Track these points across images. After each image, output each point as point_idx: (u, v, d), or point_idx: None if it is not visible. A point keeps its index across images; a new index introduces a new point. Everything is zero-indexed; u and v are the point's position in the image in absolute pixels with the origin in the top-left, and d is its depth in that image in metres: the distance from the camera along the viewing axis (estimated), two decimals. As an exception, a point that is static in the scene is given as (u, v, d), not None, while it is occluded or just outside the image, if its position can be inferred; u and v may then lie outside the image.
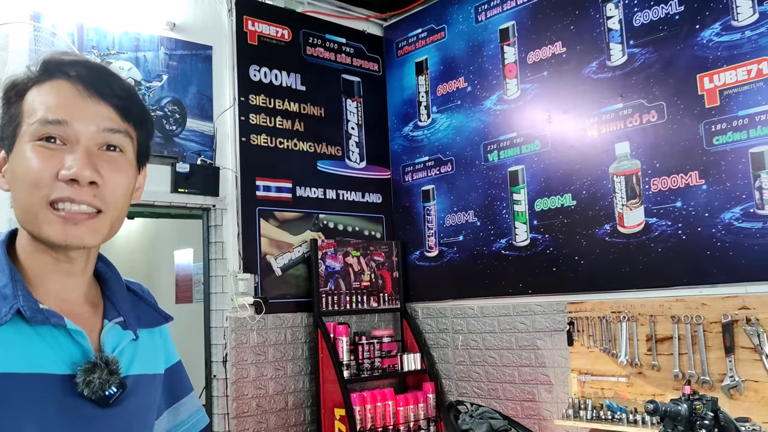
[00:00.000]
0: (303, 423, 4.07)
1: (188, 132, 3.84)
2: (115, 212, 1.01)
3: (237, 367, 3.85)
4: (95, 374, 0.98)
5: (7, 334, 0.97)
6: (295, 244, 4.19)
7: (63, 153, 0.97)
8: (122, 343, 1.06)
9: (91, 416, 1.00)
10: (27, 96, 1.00)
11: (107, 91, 0.99)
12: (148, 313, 1.17)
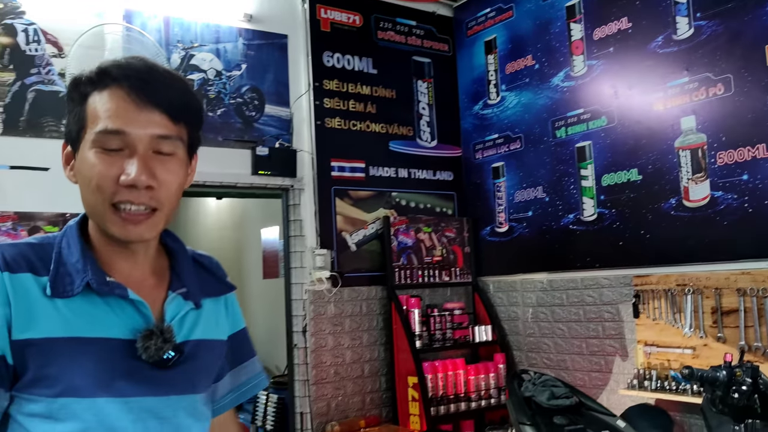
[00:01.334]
0: (378, 390, 4.32)
1: (266, 117, 4.10)
2: (169, 207, 1.13)
3: (316, 337, 4.11)
4: (152, 341, 1.09)
5: (79, 304, 1.10)
6: (368, 221, 4.41)
7: (122, 159, 1.07)
8: (182, 311, 1.17)
9: (151, 377, 1.12)
10: (89, 100, 1.09)
11: (159, 98, 1.09)
12: (213, 283, 1.28)
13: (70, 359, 1.09)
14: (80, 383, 1.09)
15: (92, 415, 1.09)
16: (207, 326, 1.23)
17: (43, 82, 3.44)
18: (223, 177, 3.92)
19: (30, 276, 1.10)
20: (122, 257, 1.15)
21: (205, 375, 1.23)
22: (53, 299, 1.09)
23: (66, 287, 1.10)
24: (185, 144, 1.14)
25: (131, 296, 1.11)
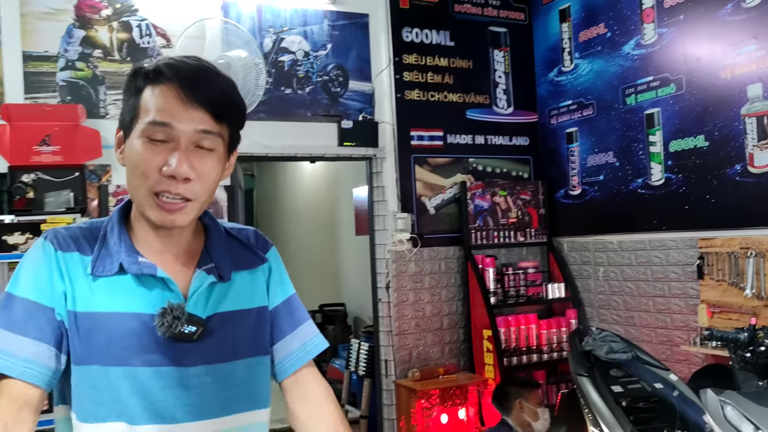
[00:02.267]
0: (456, 341, 4.69)
1: (350, 92, 4.46)
2: (204, 199, 1.22)
3: (398, 293, 4.52)
4: (165, 318, 1.18)
5: (115, 282, 1.21)
6: (446, 186, 4.73)
7: (166, 151, 1.16)
8: (202, 286, 1.24)
9: (179, 348, 1.21)
10: (143, 94, 1.18)
11: (204, 97, 1.17)
12: (247, 256, 1.35)
13: (107, 332, 1.20)
14: (115, 353, 1.20)
15: (127, 382, 1.20)
16: (239, 297, 1.30)
17: (155, 70, 3.93)
18: (312, 149, 4.33)
19: (77, 255, 1.23)
20: (158, 238, 1.25)
21: (243, 342, 1.29)
22: (94, 277, 1.21)
23: (105, 267, 1.21)
24: (225, 142, 1.23)
25: (159, 274, 1.22)
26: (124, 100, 1.22)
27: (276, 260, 1.41)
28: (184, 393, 1.22)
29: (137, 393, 1.19)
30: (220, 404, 1.25)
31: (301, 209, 8.62)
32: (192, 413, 1.22)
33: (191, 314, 1.21)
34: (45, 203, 3.52)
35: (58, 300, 1.21)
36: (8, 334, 1.19)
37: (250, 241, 1.38)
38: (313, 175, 8.10)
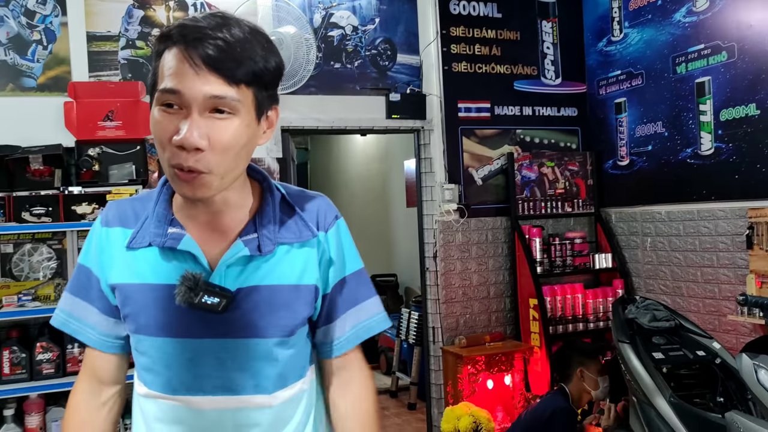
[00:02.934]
0: (502, 310, 4.78)
1: (398, 66, 4.54)
2: (224, 169, 1.12)
3: (445, 262, 4.62)
4: (181, 288, 1.15)
5: (147, 254, 1.22)
6: (494, 157, 4.78)
7: (179, 119, 1.08)
8: (232, 259, 1.19)
9: (207, 320, 1.19)
10: (162, 58, 1.11)
11: (215, 62, 1.07)
12: (297, 228, 1.26)
13: (139, 302, 1.22)
14: (146, 323, 1.22)
15: (156, 351, 1.22)
16: (280, 272, 1.23)
17: (209, 47, 4.09)
18: (361, 122, 4.44)
19: (120, 230, 1.26)
20: (198, 206, 1.22)
21: (275, 318, 1.22)
22: (131, 249, 1.23)
23: (141, 240, 1.23)
24: (251, 105, 1.13)
25: (180, 247, 1.19)
26: (152, 66, 1.16)
27: (337, 235, 1.31)
28: (212, 366, 1.21)
29: (164, 363, 1.22)
30: (249, 381, 1.22)
31: (353, 182, 8.77)
32: (217, 387, 1.21)
33: (211, 285, 1.17)
34: (109, 175, 3.73)
35: (102, 272, 1.27)
36: (77, 299, 1.31)
37: (310, 212, 1.29)
38: (365, 148, 8.23)
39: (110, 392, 1.34)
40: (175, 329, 1.20)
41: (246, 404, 1.23)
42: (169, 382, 1.23)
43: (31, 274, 3.55)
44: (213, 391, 1.21)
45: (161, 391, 1.24)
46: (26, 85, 3.70)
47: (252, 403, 1.23)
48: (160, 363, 1.22)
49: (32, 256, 3.56)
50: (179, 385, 1.22)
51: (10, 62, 3.68)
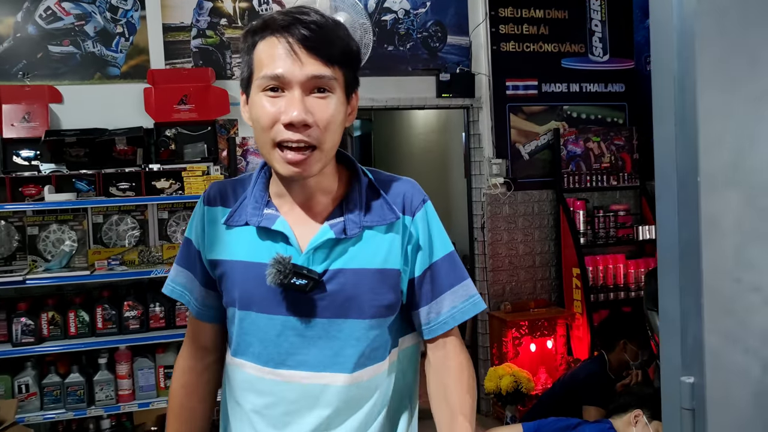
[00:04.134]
0: (547, 278, 5.04)
1: (448, 47, 4.79)
2: (329, 145, 1.20)
3: (492, 232, 4.90)
4: (272, 269, 1.21)
5: (243, 233, 1.29)
6: (540, 133, 5.00)
7: (283, 100, 1.16)
8: (319, 241, 1.24)
9: (296, 299, 1.25)
10: (256, 49, 1.19)
11: (313, 44, 1.16)
12: (382, 212, 1.29)
13: (234, 278, 1.29)
14: (239, 297, 1.29)
15: (246, 324, 1.30)
16: (365, 255, 1.27)
17: (272, 34, 4.45)
18: (412, 101, 4.73)
19: (221, 209, 1.33)
20: (292, 189, 1.28)
21: (359, 302, 1.26)
22: (229, 227, 1.31)
23: (238, 219, 1.30)
24: (342, 84, 1.21)
25: (275, 227, 1.26)
26: (241, 60, 1.25)
27: (425, 219, 1.33)
28: (297, 342, 1.26)
29: (256, 336, 1.29)
30: (331, 359, 1.26)
31: (414, 152, 9.04)
32: (302, 363, 1.27)
33: (299, 267, 1.22)
34: (184, 154, 4.16)
35: (203, 248, 1.36)
36: (184, 270, 1.41)
37: (396, 196, 1.32)
38: (426, 120, 8.47)
39: (211, 358, 1.44)
40: (266, 305, 1.26)
41: (326, 381, 1.27)
42: (256, 353, 1.29)
43: (118, 241, 4.04)
44: (296, 366, 1.27)
45: (249, 361, 1.31)
46: (111, 74, 4.16)
47: (331, 380, 1.27)
48: (249, 335, 1.29)
49: (119, 225, 4.05)
50: (266, 358, 1.28)
51: (97, 53, 4.13)
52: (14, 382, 3.66)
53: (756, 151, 0.92)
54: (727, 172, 0.92)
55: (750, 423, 0.93)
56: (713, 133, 0.92)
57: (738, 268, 0.92)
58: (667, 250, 1.00)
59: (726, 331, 0.93)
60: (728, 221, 0.92)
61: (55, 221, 3.95)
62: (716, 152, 0.92)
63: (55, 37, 4.07)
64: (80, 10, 4.10)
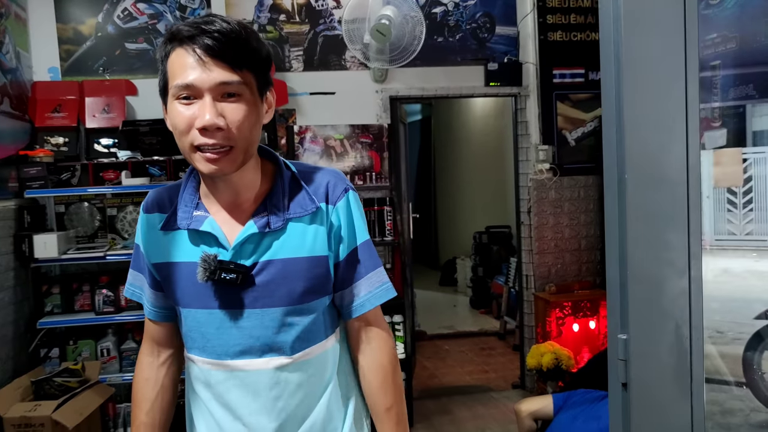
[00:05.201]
0: (593, 261, 5.18)
1: (497, 37, 4.97)
2: (244, 143, 1.25)
3: (538, 216, 5.08)
4: (201, 267, 1.29)
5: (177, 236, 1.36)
6: (587, 120, 5.13)
7: (196, 106, 1.22)
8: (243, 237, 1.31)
9: (229, 293, 1.33)
10: (169, 60, 1.25)
11: (219, 52, 1.20)
12: (305, 204, 1.36)
13: (172, 278, 1.37)
14: (179, 296, 1.37)
15: (189, 320, 1.38)
16: (291, 246, 1.34)
17: (327, 29, 4.73)
18: (461, 90, 4.94)
19: (158, 215, 1.41)
20: (218, 189, 1.35)
21: (291, 288, 1.33)
22: (165, 232, 1.38)
23: (171, 224, 1.37)
24: (252, 86, 1.27)
25: (203, 228, 1.33)
26: (159, 70, 1.29)
27: (346, 208, 1.40)
28: (236, 333, 1.34)
29: (199, 331, 1.37)
30: (269, 345, 1.34)
31: (472, 136, 9.22)
32: (243, 352, 1.34)
33: (225, 263, 1.30)
34: (246, 141, 4.50)
35: (147, 253, 1.43)
36: (139, 274, 1.49)
37: (319, 186, 1.39)
38: (483, 104, 8.63)
39: (167, 354, 1.52)
40: (203, 301, 1.34)
41: (269, 366, 1.35)
42: (201, 347, 1.38)
43: (187, 222, 4.42)
44: (239, 355, 1.35)
45: (197, 355, 1.40)
46: (181, 68, 4.53)
47: (275, 364, 1.35)
48: (193, 331, 1.38)
49: (187, 207, 4.43)
50: (211, 350, 1.37)
51: (168, 49, 4.51)
52: (97, 347, 4.11)
53: (671, 152, 1.14)
54: (647, 170, 1.14)
55: (666, 369, 1.15)
56: (637, 138, 1.14)
57: (657, 247, 1.14)
58: (610, 233, 1.22)
59: (648, 297, 1.15)
60: (650, 209, 1.14)
61: (131, 203, 4.37)
62: (639, 154, 1.14)
63: (131, 35, 4.47)
64: (153, 10, 4.48)
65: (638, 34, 1.14)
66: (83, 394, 3.59)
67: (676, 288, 1.14)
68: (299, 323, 1.36)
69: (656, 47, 1.13)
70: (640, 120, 1.13)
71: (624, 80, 1.14)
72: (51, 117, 4.23)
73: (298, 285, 1.34)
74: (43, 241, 3.84)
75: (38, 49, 4.34)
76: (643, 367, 1.16)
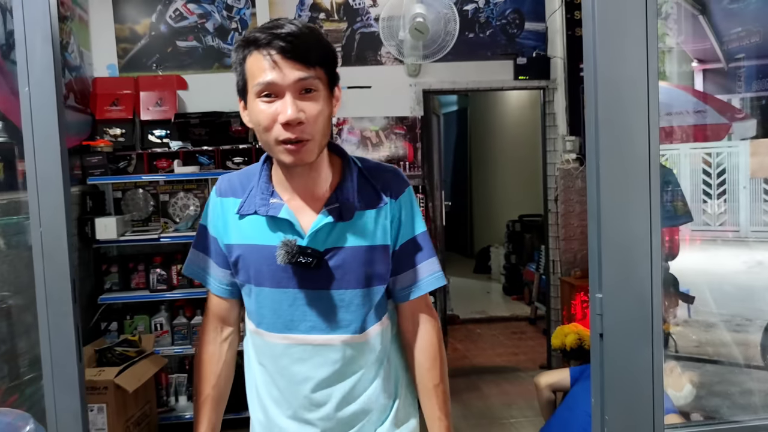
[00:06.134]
0: (618, 247, 5.37)
1: (526, 32, 5.19)
2: (320, 135, 1.37)
3: (565, 204, 5.29)
4: (281, 251, 1.40)
5: (254, 220, 1.46)
6: (613, 111, 5.30)
7: (277, 104, 1.33)
8: (319, 225, 1.42)
9: (302, 274, 1.44)
10: (246, 63, 1.37)
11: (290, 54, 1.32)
12: (372, 197, 1.48)
13: (248, 259, 1.47)
14: (254, 276, 1.47)
15: (262, 297, 1.48)
16: (359, 235, 1.46)
17: (364, 26, 5.01)
18: (491, 83, 5.17)
19: (232, 199, 1.50)
20: (293, 180, 1.46)
21: (357, 274, 1.47)
22: (240, 216, 1.48)
23: (247, 208, 1.47)
24: (325, 81, 1.39)
25: (281, 215, 1.43)
26: (235, 70, 1.41)
27: (407, 201, 1.53)
28: (306, 310, 1.46)
29: (270, 308, 1.48)
30: (336, 323, 1.47)
31: (507, 126, 9.41)
32: (312, 328, 1.47)
33: (304, 248, 1.41)
34: (288, 132, 4.80)
35: (218, 235, 1.53)
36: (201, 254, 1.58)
37: (382, 183, 1.51)
38: (518, 96, 8.79)
39: (229, 330, 1.61)
40: (278, 281, 1.45)
41: (333, 341, 1.48)
42: (273, 322, 1.49)
43: (233, 207, 4.76)
44: (308, 331, 1.48)
45: (266, 330, 1.51)
46: (227, 64, 4.85)
47: (338, 340, 1.48)
48: (265, 307, 1.48)
49: (233, 194, 4.76)
50: (281, 325, 1.48)
51: (215, 47, 4.84)
52: (151, 321, 4.48)
53: (635, 146, 1.39)
54: (617, 160, 1.39)
55: (632, 321, 1.40)
56: (607, 137, 1.39)
57: (624, 222, 1.40)
58: (591, 212, 1.46)
59: (618, 262, 1.41)
60: (619, 192, 1.39)
61: (182, 189, 4.72)
62: (610, 147, 1.39)
63: (182, 33, 4.81)
64: (202, 10, 4.81)
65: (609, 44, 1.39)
66: (140, 363, 3.95)
67: (640, 254, 1.39)
68: (363, 304, 1.49)
69: (624, 58, 1.38)
70: (611, 119, 1.38)
71: (598, 83, 1.39)
72: (109, 110, 4.60)
73: (364, 270, 1.47)
74: (104, 224, 4.21)
75: (98, 48, 4.72)
76: (615, 320, 1.41)
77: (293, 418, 1.52)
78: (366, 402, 1.54)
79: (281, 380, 1.52)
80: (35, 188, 1.30)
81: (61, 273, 1.32)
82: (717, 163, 6.05)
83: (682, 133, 5.31)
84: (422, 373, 1.58)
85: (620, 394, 1.37)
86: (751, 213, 5.88)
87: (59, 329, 1.35)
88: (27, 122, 1.29)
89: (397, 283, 1.55)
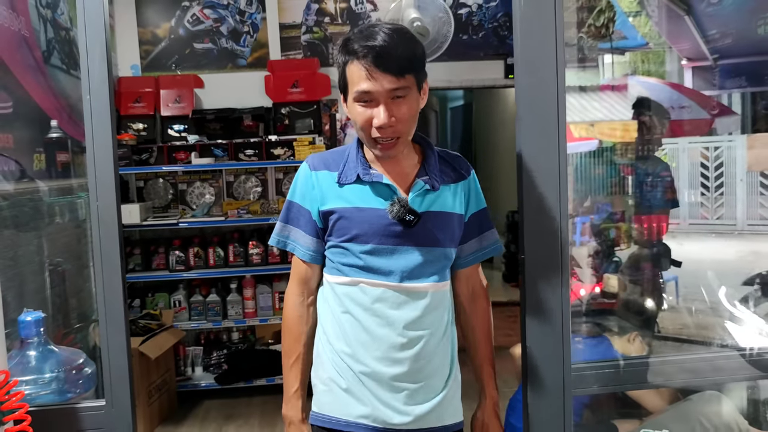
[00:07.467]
0: (602, 234, 5.78)
1: (516, 34, 5.56)
2: (408, 132, 1.61)
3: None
4: (394, 207, 1.60)
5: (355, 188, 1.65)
6: (598, 107, 5.70)
7: (372, 108, 1.55)
8: (420, 191, 1.64)
9: (400, 232, 1.64)
10: (347, 69, 1.57)
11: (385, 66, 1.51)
12: (453, 174, 1.73)
13: (351, 219, 1.65)
14: (357, 233, 1.65)
15: (364, 253, 1.65)
16: (443, 203, 1.69)
17: (366, 29, 5.41)
18: (484, 81, 5.57)
19: (326, 172, 1.69)
20: (383, 160, 1.67)
21: (442, 235, 1.68)
22: (340, 185, 1.67)
23: (348, 178, 1.66)
24: (414, 84, 1.58)
25: (384, 181, 1.63)
26: (338, 69, 1.62)
27: (474, 180, 1.78)
28: (398, 261, 1.65)
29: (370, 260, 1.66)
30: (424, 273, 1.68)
31: (509, 121, 9.73)
32: (404, 276, 1.66)
33: (411, 207, 1.62)
34: (295, 127, 5.22)
35: (312, 204, 1.69)
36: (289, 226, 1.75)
37: (454, 163, 1.76)
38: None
39: (312, 297, 1.79)
40: (378, 238, 1.64)
41: (421, 288, 1.68)
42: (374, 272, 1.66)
43: (245, 195, 5.21)
44: (407, 279, 1.67)
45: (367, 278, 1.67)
46: (239, 65, 5.29)
47: (424, 288, 1.68)
48: (366, 260, 1.66)
49: (246, 183, 5.21)
50: (381, 275, 1.66)
51: (229, 48, 5.27)
52: (170, 299, 4.92)
53: (548, 148, 1.79)
54: (534, 158, 1.80)
55: (547, 271, 1.81)
56: (529, 138, 1.80)
57: (541, 205, 1.80)
58: (521, 198, 1.87)
59: (537, 233, 1.82)
60: (538, 182, 1.80)
61: (198, 179, 5.17)
62: (530, 147, 1.80)
63: (198, 36, 5.24)
64: (217, 15, 5.24)
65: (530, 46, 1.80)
66: (161, 334, 4.40)
67: (552, 228, 1.79)
68: (443, 260, 1.72)
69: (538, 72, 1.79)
70: (530, 126, 1.78)
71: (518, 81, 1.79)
72: (133, 107, 5.04)
73: (446, 232, 1.70)
74: (128, 210, 4.65)
75: (122, 49, 5.16)
76: (534, 274, 1.82)
77: (382, 359, 1.68)
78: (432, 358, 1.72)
79: (373, 324, 1.68)
80: (93, 171, 1.73)
81: (112, 236, 1.75)
82: (715, 157, 6.33)
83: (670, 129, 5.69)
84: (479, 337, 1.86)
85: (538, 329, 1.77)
86: (747, 206, 6.14)
87: (111, 280, 1.76)
88: (88, 122, 1.72)
89: (464, 249, 1.78)
